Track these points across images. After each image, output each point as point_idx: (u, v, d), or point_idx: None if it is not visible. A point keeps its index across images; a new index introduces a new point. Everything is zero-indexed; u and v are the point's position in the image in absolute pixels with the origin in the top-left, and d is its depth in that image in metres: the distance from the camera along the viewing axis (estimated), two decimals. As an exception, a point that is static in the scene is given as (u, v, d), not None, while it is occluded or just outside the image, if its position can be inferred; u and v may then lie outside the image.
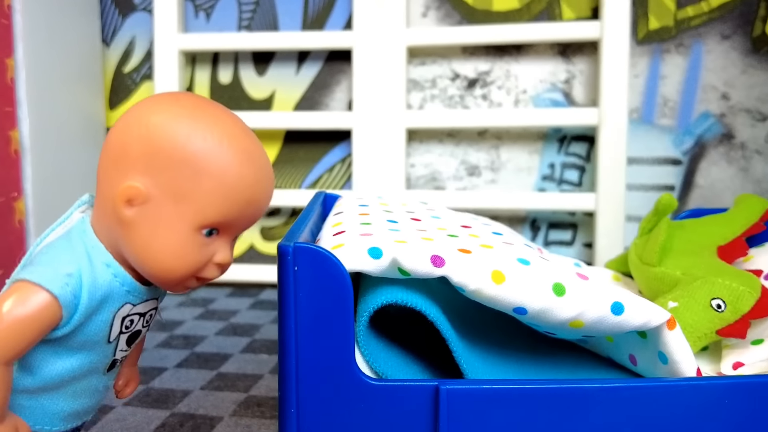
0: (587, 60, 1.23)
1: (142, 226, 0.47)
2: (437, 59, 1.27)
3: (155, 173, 0.46)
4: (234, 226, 0.50)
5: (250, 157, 0.49)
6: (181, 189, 0.46)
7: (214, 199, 0.47)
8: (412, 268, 0.55)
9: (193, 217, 0.47)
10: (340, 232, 0.62)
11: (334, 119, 1.25)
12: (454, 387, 0.52)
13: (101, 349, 0.50)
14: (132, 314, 0.51)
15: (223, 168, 0.47)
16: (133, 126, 0.48)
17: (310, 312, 0.52)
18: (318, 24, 1.30)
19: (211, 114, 0.49)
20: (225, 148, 0.47)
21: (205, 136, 0.47)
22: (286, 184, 1.34)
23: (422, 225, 0.67)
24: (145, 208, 0.47)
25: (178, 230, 0.47)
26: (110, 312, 0.48)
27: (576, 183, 1.25)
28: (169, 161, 0.46)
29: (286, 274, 0.51)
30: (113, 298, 0.48)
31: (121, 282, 0.49)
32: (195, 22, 1.33)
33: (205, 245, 0.48)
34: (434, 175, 1.28)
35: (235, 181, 0.47)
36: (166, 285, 0.50)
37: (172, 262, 0.47)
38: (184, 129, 0.47)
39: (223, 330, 1.09)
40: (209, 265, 0.49)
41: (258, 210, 0.51)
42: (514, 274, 0.55)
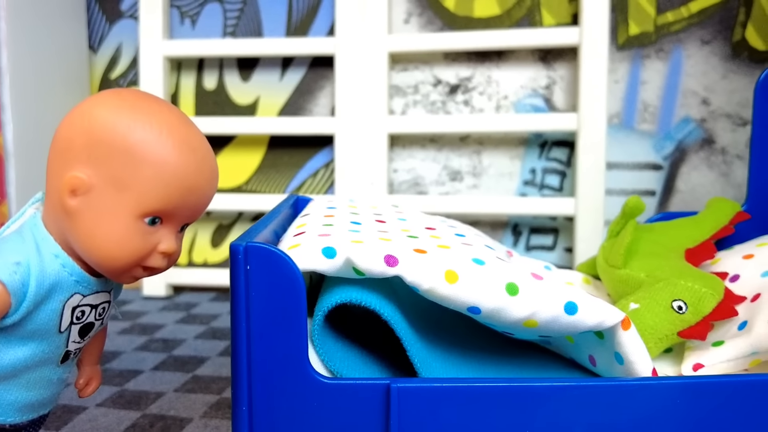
0: (568, 66, 1.23)
1: (85, 216, 0.48)
2: (419, 65, 1.28)
3: (97, 163, 0.48)
4: (177, 215, 0.51)
5: (189, 146, 0.50)
6: (122, 178, 0.48)
7: (154, 186, 0.48)
8: (366, 268, 0.55)
9: (135, 205, 0.48)
10: (301, 233, 0.63)
11: (317, 125, 1.26)
12: (405, 385, 0.52)
13: (53, 339, 0.51)
14: (82, 305, 0.52)
15: (163, 156, 0.48)
16: (76, 120, 0.50)
17: (262, 311, 0.52)
18: (302, 30, 1.31)
19: (151, 106, 0.51)
20: (164, 137, 0.49)
21: (144, 126, 0.49)
22: (270, 190, 1.35)
23: (385, 227, 0.67)
24: (88, 198, 0.48)
25: (120, 218, 0.48)
26: (59, 301, 0.50)
27: (557, 188, 1.25)
28: (110, 151, 0.48)
29: (238, 273, 0.52)
30: (62, 288, 0.50)
31: (70, 272, 0.50)
32: (180, 28, 1.34)
33: (149, 234, 0.49)
34: (417, 180, 1.29)
35: (174, 169, 0.49)
36: (111, 274, 0.51)
37: (115, 251, 0.48)
38: (124, 119, 0.49)
39: (203, 334, 1.09)
40: (154, 254, 0.50)
41: (201, 199, 0.52)
42: (467, 274, 0.56)
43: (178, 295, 1.34)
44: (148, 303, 1.29)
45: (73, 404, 0.81)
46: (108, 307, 0.55)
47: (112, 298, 0.55)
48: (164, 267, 0.52)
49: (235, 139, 1.35)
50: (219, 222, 1.37)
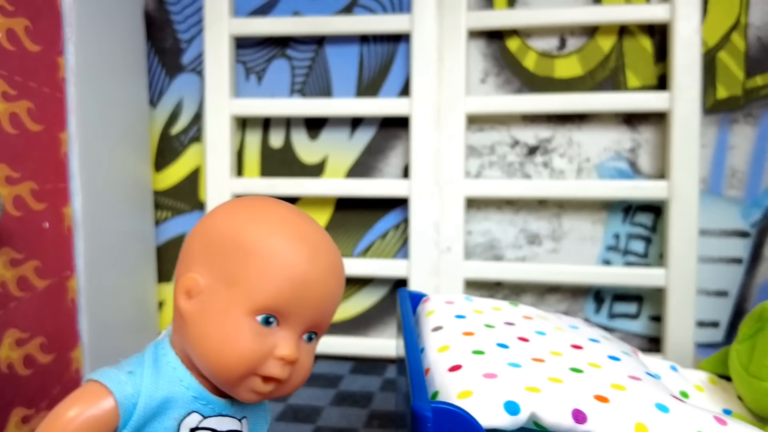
0: (654, 129, 1.19)
1: (199, 317, 0.46)
2: (496, 126, 1.23)
3: (210, 262, 0.47)
4: (293, 313, 0.46)
5: (302, 236, 0.47)
6: (233, 273, 0.45)
7: (265, 279, 0.45)
8: (553, 423, 0.51)
9: (245, 301, 0.45)
10: (456, 367, 0.58)
11: (390, 186, 1.22)
12: None
13: None
14: (203, 428, 0.47)
15: (272, 247, 0.46)
16: (197, 227, 0.49)
17: (446, 477, 0.48)
18: (373, 88, 1.27)
19: (268, 204, 0.49)
20: (275, 230, 0.46)
21: (257, 221, 0.47)
22: (337, 250, 1.30)
23: (535, 350, 0.63)
24: (202, 299, 0.46)
25: (232, 316, 0.45)
26: (174, 419, 0.46)
27: (642, 254, 1.21)
28: (223, 248, 0.46)
29: (425, 439, 0.47)
30: (177, 404, 0.46)
31: (187, 386, 0.47)
32: (246, 84, 1.30)
33: (264, 335, 0.45)
34: (492, 243, 1.25)
35: (284, 260, 0.45)
36: (226, 383, 0.46)
37: (227, 352, 0.45)
38: (239, 217, 0.47)
39: (285, 414, 1.04)
40: (270, 360, 0.46)
41: (319, 296, 0.47)
42: (656, 427, 0.52)
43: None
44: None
45: None
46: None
47: (245, 428, 0.50)
48: (288, 379, 0.47)
49: (302, 200, 1.31)
50: (283, 283, 1.33)
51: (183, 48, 1.31)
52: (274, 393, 0.48)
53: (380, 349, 1.25)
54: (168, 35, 1.31)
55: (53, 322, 1.04)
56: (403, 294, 0.80)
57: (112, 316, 1.15)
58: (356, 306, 1.30)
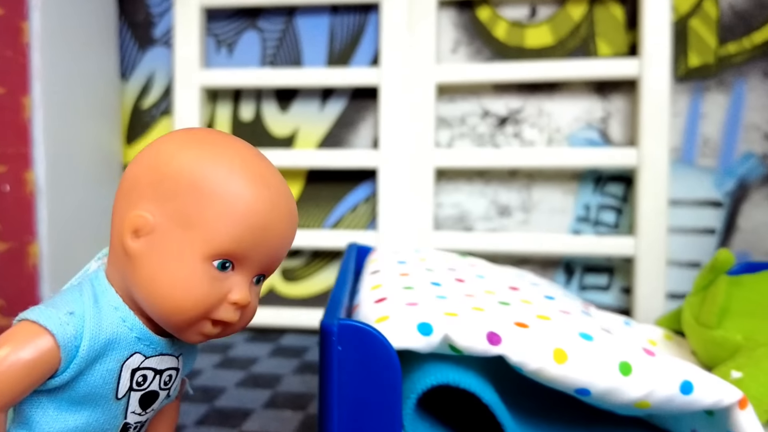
0: (625, 98, 1.18)
1: (149, 258, 0.43)
2: (467, 96, 1.22)
3: (163, 201, 0.43)
4: (250, 259, 0.44)
5: (264, 181, 0.45)
6: (189, 215, 0.43)
7: (225, 224, 0.43)
8: (467, 346, 0.50)
9: (203, 245, 0.43)
10: (382, 299, 0.57)
11: (360, 157, 1.21)
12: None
13: (109, 407, 0.45)
14: (144, 368, 0.46)
15: (234, 191, 0.43)
16: (143, 158, 0.46)
17: (354, 395, 0.47)
18: (343, 59, 1.26)
19: (223, 140, 0.46)
20: (236, 172, 0.44)
21: (215, 160, 0.44)
22: (308, 224, 1.29)
23: (468, 288, 0.62)
24: (152, 239, 0.43)
25: (187, 260, 0.43)
26: (117, 361, 0.44)
27: (612, 225, 1.19)
28: (176, 187, 0.43)
29: (330, 354, 0.46)
30: (120, 345, 0.44)
31: (130, 327, 0.44)
32: (216, 56, 1.30)
33: (219, 280, 0.44)
34: (462, 216, 1.23)
35: (246, 205, 0.43)
36: (177, 327, 0.44)
37: (180, 297, 0.42)
38: (193, 154, 0.44)
39: (244, 381, 1.03)
40: (224, 304, 0.44)
41: (277, 242, 0.46)
42: (576, 353, 0.50)
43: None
44: (182, 344, 1.23)
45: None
46: (176, 376, 0.49)
47: (181, 365, 0.49)
48: (236, 322, 0.46)
49: (272, 172, 1.30)
50: (254, 257, 1.32)
51: (155, 21, 1.31)
52: (220, 335, 0.47)
53: (350, 323, 1.23)
54: (140, 9, 1.31)
55: (13, 286, 1.03)
56: (351, 247, 0.79)
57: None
58: (327, 279, 1.29)
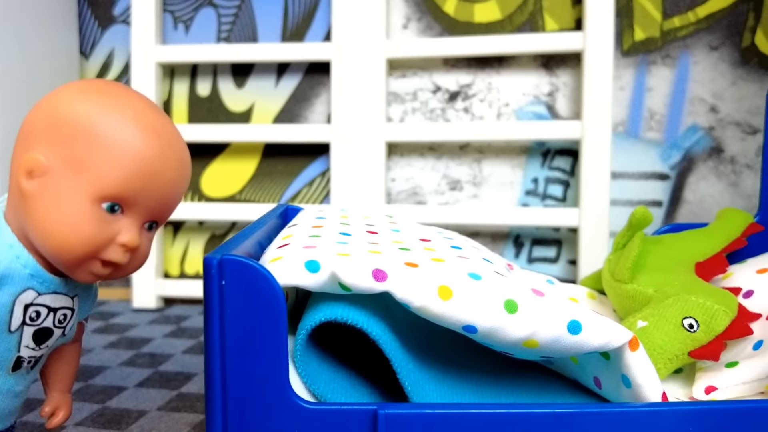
0: (571, 72, 1.20)
1: (41, 199, 0.46)
2: (418, 72, 1.24)
3: (56, 144, 0.46)
4: (139, 204, 0.47)
5: (154, 129, 0.47)
6: (80, 159, 0.45)
7: (113, 168, 0.45)
8: (352, 283, 0.51)
9: (91, 187, 0.45)
10: (285, 245, 0.59)
11: (313, 132, 1.23)
12: (394, 411, 0.48)
13: (1, 339, 0.47)
14: (37, 304, 0.48)
15: (123, 137, 0.46)
16: (42, 105, 0.48)
17: (238, 329, 0.49)
18: (298, 36, 1.28)
19: (118, 90, 0.49)
20: (127, 120, 0.47)
21: (108, 107, 0.47)
22: (264, 199, 1.31)
23: (376, 238, 0.64)
24: (45, 180, 0.46)
25: (76, 202, 0.45)
26: (10, 295, 0.46)
27: (560, 198, 1.21)
28: (70, 131, 0.46)
29: (211, 288, 0.48)
30: (13, 280, 0.46)
31: (24, 264, 0.47)
32: (174, 33, 1.31)
33: (107, 222, 0.46)
34: (415, 190, 1.25)
35: (134, 151, 0.46)
36: (67, 264, 0.47)
37: (68, 236, 0.45)
38: (88, 101, 0.47)
39: (192, 348, 1.05)
40: (113, 245, 0.47)
41: (165, 189, 0.48)
42: (462, 290, 0.52)
43: (169, 308, 1.30)
44: (138, 315, 1.25)
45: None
46: (71, 316, 0.51)
47: (76, 306, 0.52)
48: (125, 263, 0.48)
49: (229, 147, 1.31)
50: (212, 232, 1.34)
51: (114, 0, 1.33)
52: (111, 275, 0.49)
53: (305, 295, 1.25)
54: (99, -14, 1.33)
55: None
56: (278, 207, 0.81)
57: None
58: (284, 254, 1.31)
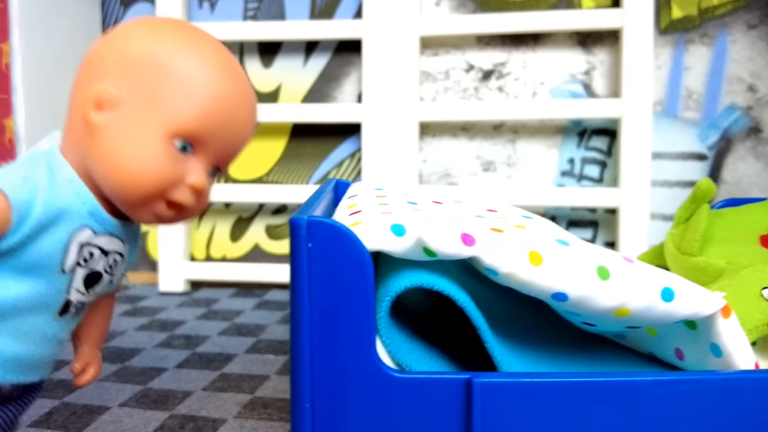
0: (608, 50, 1.18)
1: (110, 132, 0.43)
2: (450, 50, 1.22)
3: (129, 77, 0.44)
4: (211, 145, 0.45)
5: (232, 71, 0.46)
6: (156, 92, 0.43)
7: (191, 105, 0.44)
8: (440, 248, 0.49)
9: (166, 123, 0.43)
10: (357, 212, 0.57)
11: (343, 112, 1.20)
12: (489, 380, 0.46)
13: (54, 279, 0.44)
14: (92, 244, 0.45)
15: (203, 74, 0.44)
16: (110, 38, 0.46)
17: (326, 295, 0.46)
18: (327, 13, 1.25)
19: (193, 29, 0.47)
20: (206, 58, 0.45)
21: (185, 45, 0.45)
22: (292, 180, 1.29)
23: (445, 208, 0.61)
24: (115, 113, 0.44)
25: (149, 136, 0.43)
26: (67, 232, 0.44)
27: (597, 179, 1.19)
28: (144, 64, 0.44)
29: (299, 251, 0.46)
30: (72, 216, 0.44)
31: (84, 201, 0.45)
32: (198, 12, 1.28)
33: (178, 161, 0.44)
34: (447, 171, 1.23)
35: (214, 90, 0.44)
36: (131, 203, 0.44)
37: (138, 172, 0.43)
38: (165, 37, 0.45)
39: (227, 330, 1.03)
40: (181, 186, 0.45)
41: (238, 132, 0.47)
42: (553, 256, 0.50)
43: (196, 291, 1.28)
44: (165, 299, 1.22)
45: (94, 404, 0.75)
46: (120, 262, 0.49)
47: (125, 253, 0.49)
48: (191, 206, 0.46)
49: (256, 128, 1.29)
50: (238, 215, 1.31)
51: (137, -23, 1.30)
52: (173, 219, 0.47)
53: (334, 279, 1.23)
54: (121, -36, 1.30)
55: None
56: (329, 180, 0.79)
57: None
58: (312, 237, 1.29)
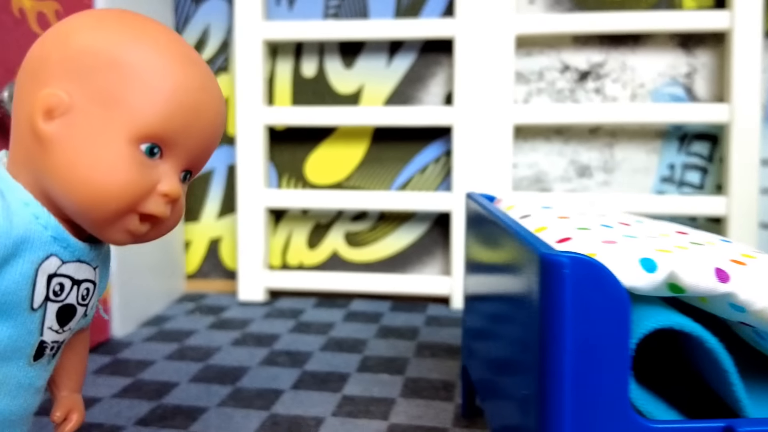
0: (710, 52, 1.13)
1: (66, 141, 0.38)
2: (545, 49, 1.17)
3: (78, 78, 0.38)
4: (180, 145, 0.40)
5: (192, 60, 0.41)
6: (112, 92, 0.38)
7: (153, 101, 0.38)
8: (693, 283, 0.45)
9: (129, 124, 0.38)
10: (565, 239, 0.52)
11: (433, 114, 1.15)
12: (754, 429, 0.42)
13: (22, 319, 0.39)
14: (61, 274, 0.40)
15: (161, 66, 0.39)
16: (50, 36, 0.40)
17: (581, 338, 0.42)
18: (413, 10, 1.20)
19: (140, 19, 0.41)
20: (162, 49, 0.40)
21: (138, 36, 0.39)
22: (373, 186, 1.24)
23: (641, 231, 0.57)
24: (68, 119, 0.38)
25: (111, 142, 0.38)
26: (32, 263, 0.38)
27: (697, 185, 1.15)
28: (95, 62, 0.38)
29: (560, 291, 0.41)
30: (34, 245, 0.38)
31: (44, 225, 0.39)
32: (276, 9, 1.23)
33: (147, 167, 0.39)
34: (539, 176, 1.19)
35: (176, 83, 0.39)
36: (99, 221, 0.39)
37: (105, 183, 0.37)
38: (112, 30, 0.39)
39: (327, 345, 0.98)
40: (153, 196, 0.39)
41: (207, 127, 0.41)
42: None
43: (276, 300, 1.23)
44: (248, 309, 1.18)
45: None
46: (93, 291, 0.43)
47: (97, 279, 0.43)
48: (166, 217, 0.41)
49: (336, 132, 1.24)
50: (316, 221, 1.26)
51: (210, -28, 1.25)
52: (148, 235, 0.41)
53: (420, 287, 1.19)
54: (194, -42, 1.25)
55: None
56: (473, 194, 0.74)
57: (142, 257, 1.08)
58: (394, 244, 1.24)
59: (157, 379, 0.85)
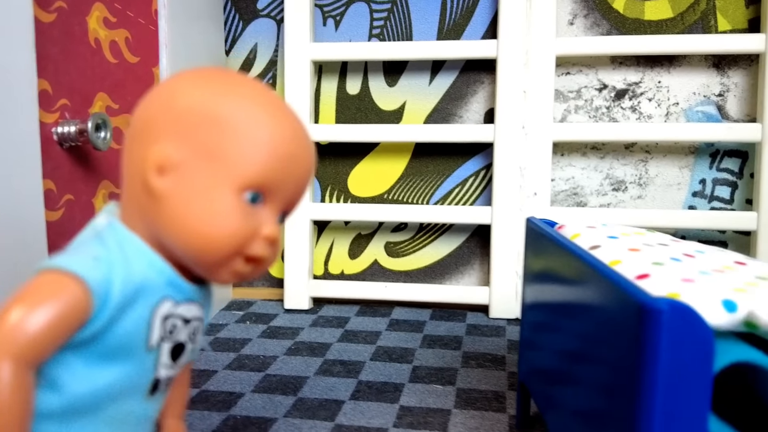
0: (743, 73, 1.17)
1: (177, 196, 0.42)
2: (583, 69, 1.21)
3: (184, 135, 0.42)
4: (279, 191, 0.44)
5: (284, 112, 0.45)
6: (216, 148, 0.42)
7: (252, 153, 0.42)
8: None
9: (233, 176, 0.42)
10: (644, 275, 0.56)
11: (475, 132, 1.20)
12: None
13: (141, 359, 0.43)
14: (174, 315, 0.44)
15: (257, 120, 0.43)
16: (155, 98, 0.44)
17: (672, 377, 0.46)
18: (455, 32, 1.24)
19: (234, 76, 0.46)
20: (257, 104, 0.43)
21: (232, 92, 0.43)
22: (413, 199, 1.29)
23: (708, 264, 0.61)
24: (178, 175, 0.42)
25: (218, 194, 0.41)
26: (148, 307, 0.42)
27: (727, 200, 1.20)
28: (197, 120, 0.42)
29: (657, 336, 0.45)
30: (150, 290, 0.42)
31: (159, 271, 0.43)
32: (322, 30, 1.27)
33: (250, 214, 0.43)
34: (575, 191, 1.23)
35: (272, 133, 0.43)
36: (209, 265, 0.43)
37: (215, 232, 0.41)
38: (210, 89, 0.43)
39: (377, 355, 1.03)
40: (257, 239, 0.43)
41: (302, 172, 0.45)
42: None
43: (320, 308, 1.28)
44: (295, 317, 1.22)
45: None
46: (200, 328, 0.47)
47: (203, 315, 0.48)
48: (268, 258, 0.44)
49: (378, 147, 1.28)
50: (358, 232, 1.31)
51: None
52: (251, 274, 0.45)
53: (458, 297, 1.24)
54: (242, -22, 1.29)
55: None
56: (534, 220, 0.78)
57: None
58: (433, 254, 1.29)
59: (222, 389, 0.90)
